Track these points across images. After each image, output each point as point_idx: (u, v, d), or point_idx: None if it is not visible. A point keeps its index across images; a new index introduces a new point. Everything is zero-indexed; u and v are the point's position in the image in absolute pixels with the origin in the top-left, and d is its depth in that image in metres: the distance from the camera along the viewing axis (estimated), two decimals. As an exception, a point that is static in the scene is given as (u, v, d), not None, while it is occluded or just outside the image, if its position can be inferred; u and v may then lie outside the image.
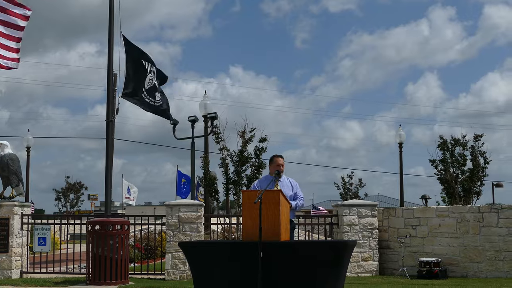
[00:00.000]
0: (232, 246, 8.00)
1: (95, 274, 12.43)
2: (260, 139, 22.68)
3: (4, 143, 14.76)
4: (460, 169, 33.12)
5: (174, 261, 14.24)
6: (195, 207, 14.53)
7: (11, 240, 14.14)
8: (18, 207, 14.43)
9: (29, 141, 36.28)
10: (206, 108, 23.52)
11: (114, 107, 14.13)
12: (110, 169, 13.90)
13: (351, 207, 14.95)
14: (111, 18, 14.09)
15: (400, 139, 34.32)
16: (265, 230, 7.22)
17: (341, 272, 7.47)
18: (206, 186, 24.22)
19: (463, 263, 14.30)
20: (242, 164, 22.63)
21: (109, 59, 14.08)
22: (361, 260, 14.70)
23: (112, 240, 12.45)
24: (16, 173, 14.51)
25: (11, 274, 14.02)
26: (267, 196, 7.43)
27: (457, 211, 14.62)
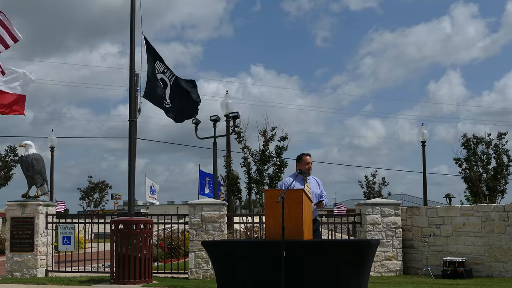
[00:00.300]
0: (255, 245, 8.00)
1: (119, 273, 12.50)
2: (281, 138, 22.69)
3: (29, 143, 14.91)
4: (484, 168, 32.86)
5: (197, 260, 14.27)
6: (218, 206, 14.55)
7: (36, 239, 14.28)
8: (43, 207, 14.57)
9: (53, 141, 36.59)
10: (228, 107, 23.55)
11: (136, 107, 14.19)
12: (133, 168, 13.96)
13: (374, 206, 14.88)
14: (132, 18, 14.15)
15: (423, 137, 34.09)
16: (287, 229, 7.21)
17: (365, 272, 7.44)
18: (229, 185, 24.28)
19: (488, 262, 14.17)
20: (264, 163, 22.67)
21: (131, 59, 14.14)
22: (385, 259, 14.63)
23: (136, 239, 12.51)
24: (40, 173, 14.65)
25: (36, 273, 14.16)
26: (290, 195, 7.43)
27: (481, 210, 14.48)
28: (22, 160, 14.77)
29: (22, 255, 14.22)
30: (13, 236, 14.33)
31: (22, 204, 14.42)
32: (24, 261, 14.19)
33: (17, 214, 14.40)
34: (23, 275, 14.10)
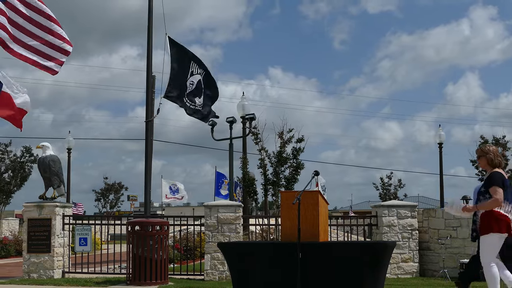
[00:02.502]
0: (271, 247, 8.00)
1: (135, 274, 12.54)
2: (298, 140, 22.63)
3: (46, 144, 15.00)
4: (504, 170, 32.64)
5: (213, 262, 14.29)
6: (234, 208, 14.56)
7: (53, 240, 14.36)
8: (59, 208, 14.64)
9: (70, 143, 36.75)
10: (244, 109, 23.56)
11: (153, 108, 14.24)
12: (149, 169, 14.01)
13: (390, 208, 14.81)
14: (150, 20, 14.20)
15: (440, 139, 33.90)
16: (303, 231, 7.20)
17: (381, 273, 7.41)
18: (245, 187, 24.26)
19: (506, 265, 14.05)
20: (280, 164, 22.62)
21: (148, 60, 14.20)
22: (401, 261, 14.56)
23: (152, 241, 12.54)
24: (57, 175, 14.73)
25: (53, 274, 14.23)
26: (306, 197, 7.41)
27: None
28: (40, 162, 14.86)
29: (39, 256, 14.30)
30: (30, 237, 14.42)
31: (39, 206, 14.51)
32: (41, 262, 14.27)
33: (34, 216, 14.49)
34: (40, 276, 14.18)
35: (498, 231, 7.71)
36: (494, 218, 7.73)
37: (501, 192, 7.71)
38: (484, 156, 8.10)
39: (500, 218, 7.73)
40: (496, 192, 7.70)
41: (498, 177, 7.84)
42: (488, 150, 8.12)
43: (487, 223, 7.78)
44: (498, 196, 7.68)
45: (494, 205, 7.71)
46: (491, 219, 7.73)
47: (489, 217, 7.77)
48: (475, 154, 8.47)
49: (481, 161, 8.17)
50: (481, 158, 8.15)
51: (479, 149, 8.24)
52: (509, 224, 7.78)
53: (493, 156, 8.04)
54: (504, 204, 7.76)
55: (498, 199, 7.66)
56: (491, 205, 7.73)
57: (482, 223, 7.85)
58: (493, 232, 7.72)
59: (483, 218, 7.86)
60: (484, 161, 8.09)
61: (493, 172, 7.95)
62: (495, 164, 8.03)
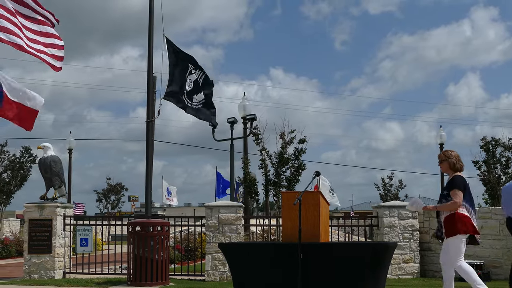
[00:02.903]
0: (272, 247, 7.99)
1: (136, 275, 12.54)
2: (299, 141, 22.62)
3: (47, 145, 15.00)
4: (503, 170, 32.65)
5: (214, 262, 14.28)
6: (235, 208, 14.55)
7: (54, 241, 14.36)
8: (60, 208, 14.64)
9: (71, 143, 36.80)
10: (245, 109, 23.58)
11: (154, 108, 14.25)
12: (150, 170, 14.01)
13: (391, 209, 14.80)
14: (151, 21, 14.21)
15: (441, 139, 33.92)
16: (304, 232, 7.20)
17: (382, 274, 7.41)
18: (246, 187, 24.26)
19: (507, 265, 14.03)
20: (282, 165, 22.61)
21: (149, 61, 14.21)
22: (402, 262, 14.55)
23: (153, 241, 12.54)
24: (58, 175, 14.74)
25: (54, 275, 14.23)
26: (307, 198, 7.41)
27: (500, 213, 14.35)
28: (41, 162, 14.86)
29: (40, 257, 14.30)
30: (31, 238, 14.42)
31: (40, 206, 14.51)
32: (42, 262, 14.27)
33: (35, 216, 14.49)
34: (41, 276, 14.18)
35: (464, 232, 8.05)
36: (459, 220, 8.03)
37: (461, 195, 8.06)
38: (446, 161, 8.42)
39: (464, 220, 8.06)
40: (456, 195, 8.05)
41: (460, 181, 8.20)
42: (450, 155, 8.45)
43: (452, 225, 8.07)
44: (457, 199, 8.02)
45: (452, 207, 8.04)
46: (456, 221, 8.04)
47: (453, 219, 8.07)
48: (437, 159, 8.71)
49: (443, 165, 8.47)
50: (443, 162, 8.47)
51: (441, 154, 8.55)
52: (472, 224, 8.12)
53: (454, 161, 8.39)
54: (463, 207, 8.08)
55: (457, 202, 8.01)
56: (450, 207, 8.06)
57: (447, 226, 8.12)
58: (460, 234, 8.07)
59: (448, 221, 8.15)
60: (446, 165, 8.41)
61: (455, 175, 8.29)
62: (456, 168, 8.38)
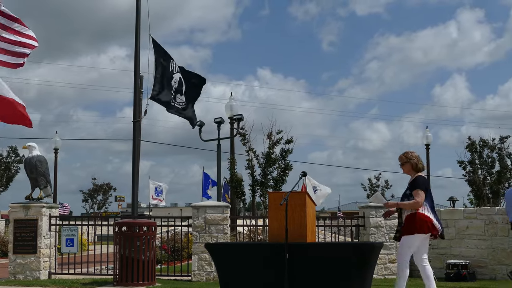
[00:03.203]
0: (258, 247, 8.00)
1: (122, 275, 12.49)
2: (286, 141, 22.65)
3: (32, 145, 14.91)
4: (488, 171, 32.87)
5: (200, 263, 14.26)
6: (221, 208, 14.54)
7: (39, 241, 14.28)
8: (46, 209, 14.57)
9: (56, 143, 36.59)
10: (232, 109, 23.57)
11: (140, 108, 14.22)
12: (137, 170, 13.97)
13: (378, 209, 14.84)
14: (137, 20, 14.17)
15: (427, 140, 34.09)
16: (291, 232, 7.21)
17: (368, 274, 7.43)
18: (233, 187, 24.26)
19: (492, 265, 14.14)
20: (269, 165, 22.62)
21: (136, 61, 14.18)
22: (388, 262, 14.59)
23: (139, 242, 12.50)
24: (44, 175, 14.65)
25: (39, 275, 14.16)
26: (293, 198, 7.42)
27: (485, 213, 14.46)
28: (26, 162, 14.77)
29: (25, 257, 14.22)
30: (16, 238, 14.33)
31: (26, 206, 14.43)
32: (27, 263, 14.19)
33: (20, 216, 14.41)
34: (26, 277, 14.10)
35: (422, 231, 8.19)
36: (419, 219, 8.19)
37: (423, 195, 8.22)
38: (408, 162, 8.56)
39: (425, 219, 8.21)
40: (418, 195, 8.21)
41: (422, 182, 8.37)
42: (411, 156, 8.59)
43: (411, 225, 8.22)
44: (419, 198, 8.18)
45: (414, 206, 8.20)
46: (416, 221, 8.20)
47: (414, 218, 8.22)
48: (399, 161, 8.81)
49: (405, 167, 8.60)
50: (405, 164, 8.60)
51: (403, 156, 8.65)
52: (433, 224, 8.28)
53: (416, 161, 8.54)
54: (424, 207, 8.25)
55: (419, 201, 8.17)
56: (412, 206, 8.21)
57: (406, 225, 8.27)
58: (418, 233, 8.21)
59: (409, 220, 8.29)
60: (409, 166, 8.55)
61: (418, 176, 8.44)
62: (418, 168, 8.53)
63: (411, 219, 8.23)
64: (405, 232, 8.26)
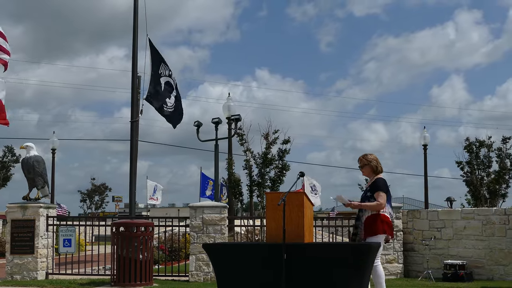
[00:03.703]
0: (256, 248, 7.99)
1: (120, 276, 12.48)
2: (283, 141, 22.69)
3: (30, 145, 14.89)
4: (486, 171, 32.88)
5: (198, 263, 14.26)
6: (219, 209, 14.54)
7: (37, 241, 14.27)
8: (43, 209, 14.56)
9: (54, 143, 36.50)
10: (230, 110, 23.54)
11: (138, 108, 14.21)
12: (134, 170, 13.96)
13: (375, 209, 14.83)
14: (135, 21, 14.18)
15: (425, 141, 34.10)
16: (288, 232, 7.21)
17: (365, 275, 7.43)
18: (231, 188, 24.28)
19: (489, 265, 14.15)
20: (266, 166, 22.65)
21: (134, 61, 14.18)
22: (386, 262, 14.60)
23: (137, 242, 12.50)
24: (41, 175, 14.64)
25: (37, 275, 14.15)
26: (291, 198, 7.42)
27: (482, 214, 14.48)
28: (23, 162, 14.75)
29: (22, 258, 14.21)
30: (14, 239, 14.33)
31: (23, 206, 14.42)
32: (25, 263, 14.19)
33: (18, 216, 14.40)
34: (24, 277, 14.10)
35: (383, 232, 8.24)
36: (380, 220, 8.24)
37: (385, 197, 8.30)
38: (368, 165, 8.60)
39: (385, 220, 8.29)
40: (380, 196, 8.26)
41: (383, 184, 8.43)
42: (371, 159, 8.64)
43: (373, 225, 8.25)
44: (382, 200, 8.23)
45: (377, 208, 8.24)
46: (378, 221, 8.24)
47: (375, 219, 8.26)
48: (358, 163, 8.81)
49: (365, 169, 8.63)
50: (365, 167, 8.63)
51: (363, 159, 8.68)
52: (392, 225, 8.42)
53: (376, 164, 8.59)
54: (386, 208, 8.32)
55: (382, 203, 8.24)
56: (375, 207, 8.24)
57: (368, 226, 8.28)
58: (380, 234, 8.24)
59: (369, 221, 8.30)
60: (369, 169, 8.59)
61: (378, 178, 8.50)
62: (378, 171, 8.59)
63: (373, 220, 8.25)
64: (368, 234, 8.25)
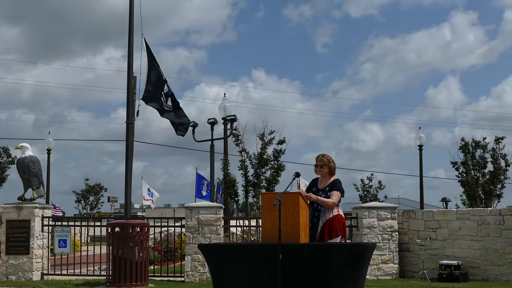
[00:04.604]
0: (252, 248, 7.99)
1: (115, 276, 12.47)
2: (279, 141, 22.67)
3: (25, 145, 14.87)
4: (481, 172, 32.93)
5: (193, 263, 14.26)
6: (215, 209, 14.54)
7: (32, 242, 14.25)
8: (39, 209, 14.54)
9: (49, 144, 36.44)
10: (226, 110, 23.54)
11: (134, 109, 14.21)
12: (130, 171, 13.95)
13: (371, 210, 14.87)
14: (131, 21, 14.16)
15: (420, 141, 34.19)
16: (284, 233, 7.20)
17: (361, 275, 7.43)
18: (226, 188, 24.25)
19: (484, 266, 14.18)
20: (261, 166, 22.63)
21: (129, 61, 14.17)
22: (381, 262, 14.62)
23: (132, 242, 12.49)
24: (37, 175, 14.61)
25: (32, 276, 14.12)
26: (286, 199, 7.42)
27: (477, 214, 14.51)
28: (19, 163, 14.73)
29: (17, 258, 14.18)
30: (9, 239, 14.30)
31: (18, 207, 14.39)
32: (20, 264, 14.16)
33: (13, 217, 14.37)
34: (19, 278, 14.07)
35: (343, 234, 8.36)
36: (342, 223, 8.36)
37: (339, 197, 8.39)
38: (328, 165, 8.59)
39: (344, 222, 8.44)
40: (336, 195, 8.34)
41: (340, 185, 8.53)
42: (331, 160, 8.66)
43: (337, 226, 8.27)
44: (336, 200, 8.29)
45: (330, 206, 8.26)
46: (340, 223, 8.32)
47: (339, 221, 8.31)
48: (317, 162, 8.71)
49: (324, 169, 8.59)
50: (325, 167, 8.60)
51: (324, 159, 8.63)
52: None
53: (334, 165, 8.64)
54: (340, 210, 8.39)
55: (335, 202, 8.29)
56: (329, 205, 8.24)
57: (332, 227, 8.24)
58: (340, 236, 8.29)
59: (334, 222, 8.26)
60: (327, 169, 8.58)
61: (337, 179, 8.55)
62: (334, 172, 8.63)
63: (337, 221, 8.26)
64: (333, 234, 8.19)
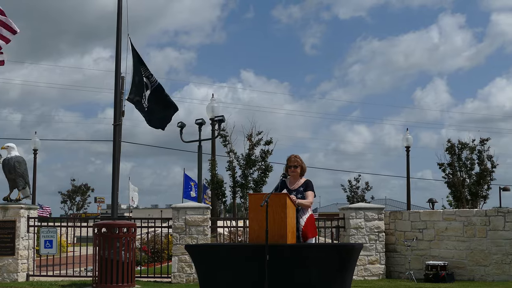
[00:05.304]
0: (239, 249, 7.99)
1: (102, 277, 12.43)
2: (266, 142, 22.70)
3: (11, 145, 14.78)
4: (468, 173, 33.09)
5: (180, 264, 14.23)
6: (202, 210, 14.53)
7: (18, 243, 14.16)
8: (24, 210, 14.45)
9: (36, 144, 36.25)
10: (214, 111, 23.52)
11: (121, 111, 14.15)
12: (117, 172, 13.90)
13: (358, 211, 14.91)
14: (119, 22, 14.10)
15: (407, 143, 34.32)
16: (271, 233, 7.21)
17: (348, 275, 7.45)
18: (213, 189, 24.25)
19: (470, 266, 14.25)
20: (249, 167, 22.66)
21: (117, 62, 14.10)
22: (368, 263, 14.66)
23: (119, 243, 12.45)
24: (23, 176, 14.53)
25: (17, 277, 14.04)
26: (274, 199, 7.42)
27: (463, 215, 14.57)
28: (4, 163, 14.65)
29: (2, 259, 14.09)
30: (-6, 240, 14.20)
31: (3, 207, 14.30)
32: (5, 265, 14.07)
33: (-1, 218, 14.28)
34: (4, 279, 13.98)
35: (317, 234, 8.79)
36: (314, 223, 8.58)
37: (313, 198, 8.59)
38: (300, 166, 8.74)
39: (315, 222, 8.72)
40: (312, 196, 8.54)
41: (312, 186, 8.69)
42: (302, 161, 8.82)
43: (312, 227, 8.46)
44: (311, 200, 8.52)
45: (307, 206, 8.46)
46: (313, 224, 8.53)
47: (312, 221, 8.48)
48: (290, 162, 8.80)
49: (296, 170, 8.71)
50: (298, 167, 8.74)
51: (297, 160, 8.76)
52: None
53: (305, 167, 8.83)
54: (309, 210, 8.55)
55: (312, 202, 8.55)
56: (304, 205, 8.39)
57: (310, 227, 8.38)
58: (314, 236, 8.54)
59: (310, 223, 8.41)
60: (299, 170, 8.72)
61: (309, 180, 8.72)
62: (304, 173, 8.79)
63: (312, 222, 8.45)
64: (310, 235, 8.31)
